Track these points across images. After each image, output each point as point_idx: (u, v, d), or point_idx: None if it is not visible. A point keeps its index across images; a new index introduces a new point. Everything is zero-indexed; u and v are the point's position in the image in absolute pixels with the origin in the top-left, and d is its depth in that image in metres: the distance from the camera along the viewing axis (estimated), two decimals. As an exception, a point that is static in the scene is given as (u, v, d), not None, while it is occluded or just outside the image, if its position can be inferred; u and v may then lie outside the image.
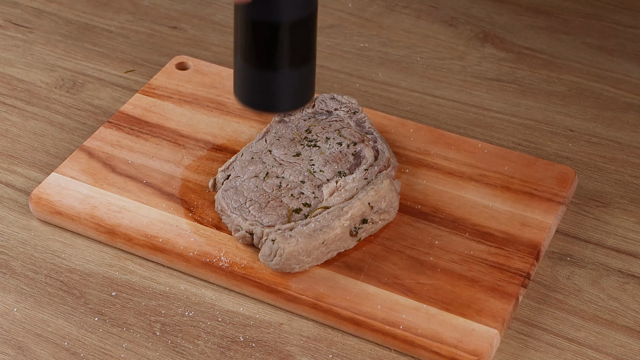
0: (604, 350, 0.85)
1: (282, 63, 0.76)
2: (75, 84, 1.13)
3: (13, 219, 0.96)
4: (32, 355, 0.84)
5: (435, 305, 0.85)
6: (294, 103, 0.80)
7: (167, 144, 1.01)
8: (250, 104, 0.79)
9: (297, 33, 0.76)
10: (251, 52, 0.76)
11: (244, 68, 0.78)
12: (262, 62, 0.77)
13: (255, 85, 0.78)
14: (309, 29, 0.76)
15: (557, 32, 1.20)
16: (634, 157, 1.03)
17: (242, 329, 0.86)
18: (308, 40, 0.77)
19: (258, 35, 0.75)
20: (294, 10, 0.74)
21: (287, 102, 0.80)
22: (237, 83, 0.80)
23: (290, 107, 0.80)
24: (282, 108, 0.81)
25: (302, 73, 0.78)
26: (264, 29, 0.75)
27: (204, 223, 0.92)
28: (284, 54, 0.76)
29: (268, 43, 0.75)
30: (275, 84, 0.78)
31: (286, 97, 0.79)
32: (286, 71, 0.77)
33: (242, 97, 0.80)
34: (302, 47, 0.77)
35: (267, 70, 0.77)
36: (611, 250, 0.93)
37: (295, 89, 0.79)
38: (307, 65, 0.78)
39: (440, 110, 1.09)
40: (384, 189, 0.91)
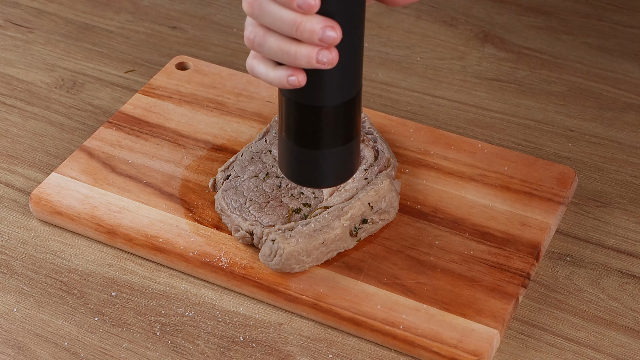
0: (604, 350, 0.85)
1: (325, 143, 0.76)
2: (75, 84, 1.13)
3: (13, 219, 0.96)
4: (32, 355, 0.84)
5: (435, 305, 0.85)
6: (338, 178, 0.80)
7: (167, 144, 1.01)
8: (296, 180, 0.80)
9: (340, 115, 0.75)
10: (295, 132, 0.76)
11: (289, 145, 0.77)
12: (306, 142, 0.76)
13: (300, 163, 0.78)
14: (353, 110, 0.76)
15: (557, 32, 1.20)
16: (634, 157, 1.03)
17: (242, 329, 0.86)
18: (352, 120, 0.76)
19: (302, 117, 0.75)
20: (338, 94, 0.74)
21: (331, 178, 0.80)
22: (283, 158, 0.79)
23: (335, 182, 0.80)
24: (326, 184, 0.81)
25: (345, 150, 0.78)
26: (309, 112, 0.74)
27: (204, 223, 0.92)
28: (328, 135, 0.76)
29: (312, 125, 0.75)
30: (319, 162, 0.78)
31: (330, 173, 0.79)
32: (329, 150, 0.77)
33: (288, 173, 0.80)
34: (346, 127, 0.76)
35: (310, 149, 0.77)
36: (611, 250, 0.93)
37: (339, 165, 0.79)
38: (351, 142, 0.78)
39: (440, 110, 1.09)
40: (384, 189, 0.91)
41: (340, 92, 0.74)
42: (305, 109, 0.74)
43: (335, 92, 0.73)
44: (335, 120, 0.75)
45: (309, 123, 0.75)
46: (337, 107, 0.74)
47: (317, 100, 0.73)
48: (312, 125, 0.75)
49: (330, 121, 0.75)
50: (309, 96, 0.73)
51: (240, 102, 1.06)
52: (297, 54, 0.70)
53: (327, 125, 0.75)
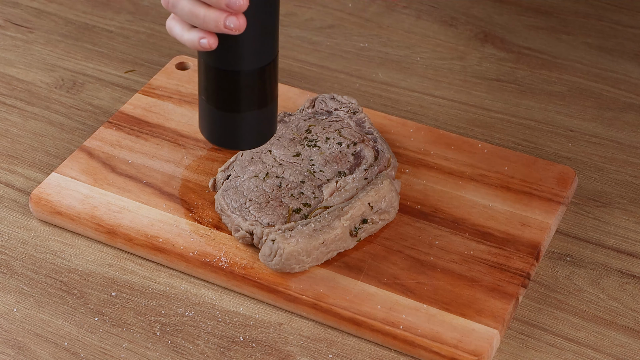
0: (604, 350, 0.85)
1: (244, 107, 0.79)
2: (75, 84, 1.13)
3: (13, 219, 0.96)
4: (32, 355, 0.84)
5: (435, 305, 0.85)
6: (256, 141, 0.83)
7: (167, 144, 1.01)
8: (214, 142, 0.83)
9: (257, 80, 0.78)
10: (214, 96, 0.79)
11: (208, 108, 0.81)
12: (225, 105, 0.79)
13: (219, 125, 0.81)
14: (267, 76, 0.79)
15: (557, 32, 1.20)
16: (634, 157, 1.03)
17: (242, 329, 0.86)
18: (267, 86, 0.79)
19: (220, 81, 0.78)
20: (254, 60, 0.77)
21: (248, 141, 0.83)
22: (202, 120, 0.83)
23: (252, 145, 0.83)
24: (243, 146, 0.84)
25: (261, 115, 0.81)
26: (226, 76, 0.78)
27: (204, 223, 0.92)
28: (246, 99, 0.79)
29: (230, 89, 0.78)
30: (237, 125, 0.81)
31: (248, 135, 0.82)
32: (247, 114, 0.80)
33: (206, 134, 0.83)
34: (263, 92, 0.80)
35: (229, 113, 0.80)
36: (611, 250, 0.93)
37: (257, 128, 0.82)
38: (266, 107, 0.81)
39: (440, 110, 1.09)
40: (384, 189, 0.91)
41: (254, 58, 0.76)
42: (220, 73, 0.77)
43: (249, 57, 0.76)
44: (250, 85, 0.78)
45: (225, 87, 0.78)
46: (251, 72, 0.77)
47: (231, 64, 0.76)
48: (227, 89, 0.78)
49: (245, 86, 0.78)
50: (224, 60, 0.76)
51: (240, 102, 1.06)
52: (206, 17, 0.73)
53: (241, 90, 0.78)
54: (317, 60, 1.16)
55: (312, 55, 1.17)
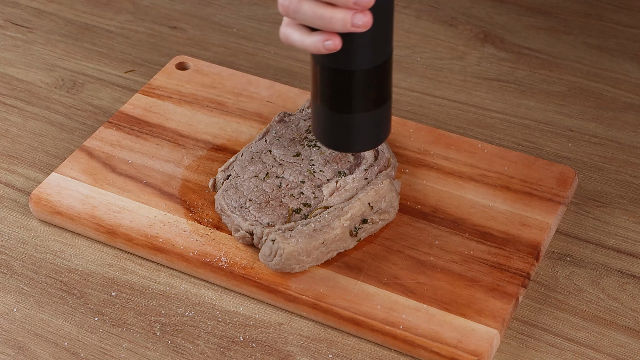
0: (604, 350, 0.85)
1: (359, 107, 0.78)
2: (75, 84, 1.13)
3: (13, 219, 0.96)
4: (32, 355, 0.84)
5: (435, 305, 0.85)
6: (371, 142, 0.82)
7: (167, 144, 1.01)
8: (328, 145, 0.81)
9: (373, 78, 0.77)
10: (327, 97, 0.78)
11: (323, 111, 0.79)
12: (340, 106, 0.78)
13: (333, 127, 0.80)
14: (385, 73, 0.78)
15: (557, 32, 1.20)
16: (634, 157, 1.03)
17: (242, 329, 0.86)
18: (384, 83, 0.78)
19: (336, 82, 0.77)
20: (371, 58, 0.76)
21: (364, 142, 0.81)
22: (317, 125, 0.81)
23: (368, 146, 0.82)
24: (359, 148, 0.82)
25: (378, 113, 0.79)
26: (342, 76, 0.76)
27: (204, 223, 0.92)
28: (361, 98, 0.78)
29: (344, 89, 0.77)
30: (352, 126, 0.79)
31: (363, 137, 0.81)
32: (361, 114, 0.78)
33: (322, 139, 0.81)
34: (379, 91, 0.78)
35: (343, 114, 0.78)
36: (611, 250, 0.93)
37: (371, 129, 0.80)
38: (383, 106, 0.79)
39: (440, 110, 1.09)
40: (384, 189, 0.91)
41: (373, 56, 0.76)
42: (338, 73, 0.76)
43: (367, 55, 0.75)
44: (368, 83, 0.77)
45: (343, 87, 0.77)
46: (369, 70, 0.76)
47: (350, 64, 0.75)
48: (346, 89, 0.77)
49: (363, 85, 0.76)
50: (342, 60, 0.75)
51: (240, 102, 1.06)
52: (333, 18, 0.72)
53: (360, 89, 0.77)
54: (317, 60, 1.16)
55: (312, 55, 1.17)
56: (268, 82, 1.08)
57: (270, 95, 1.06)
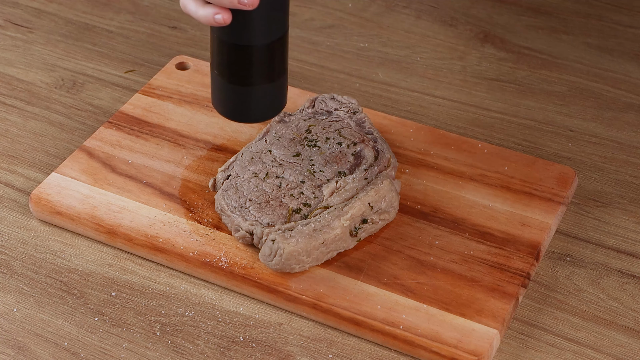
0: (604, 350, 0.85)
1: (255, 80, 0.82)
2: (75, 84, 1.13)
3: (13, 219, 0.96)
4: (32, 355, 0.84)
5: (435, 305, 0.85)
6: (266, 114, 0.86)
7: (167, 144, 1.01)
8: (226, 115, 0.86)
9: (268, 54, 0.81)
10: (226, 70, 0.82)
11: (221, 82, 0.83)
12: (237, 79, 0.82)
13: (231, 98, 0.84)
14: (279, 50, 0.82)
15: (557, 32, 1.20)
16: (634, 157, 1.03)
17: (242, 329, 0.86)
18: (278, 59, 0.82)
19: (233, 56, 0.81)
20: (265, 35, 0.80)
21: (259, 113, 0.86)
22: (215, 94, 0.85)
23: (262, 118, 0.86)
24: (254, 119, 0.86)
25: (272, 88, 0.84)
26: (239, 51, 0.81)
27: (204, 223, 0.92)
28: (257, 73, 0.82)
29: (242, 63, 0.81)
30: (249, 98, 0.83)
31: (259, 108, 0.85)
32: (258, 87, 0.83)
33: (219, 108, 0.86)
34: (273, 66, 0.82)
35: (240, 86, 0.83)
36: (611, 250, 0.93)
37: (267, 101, 0.85)
38: (278, 81, 0.84)
39: (440, 110, 1.09)
40: (384, 189, 0.91)
41: (266, 33, 0.80)
42: (233, 47, 0.80)
43: (261, 32, 0.79)
44: (262, 59, 0.81)
45: (237, 61, 0.81)
46: (263, 46, 0.80)
47: (244, 39, 0.79)
48: (240, 63, 0.81)
49: (257, 60, 0.81)
50: (237, 35, 0.79)
51: (240, 102, 1.06)
52: None
53: (254, 64, 0.81)
54: (317, 60, 1.16)
55: (312, 55, 1.17)
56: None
57: (270, 95, 1.06)
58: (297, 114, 1.01)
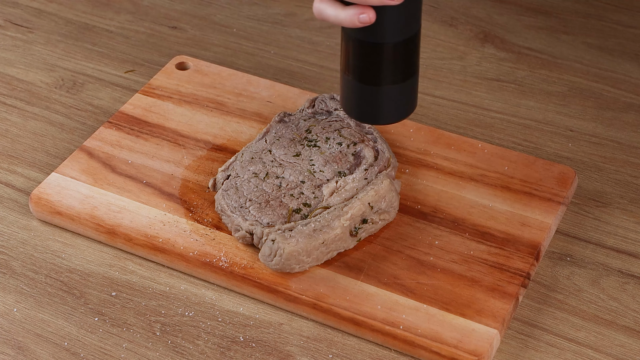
0: (604, 350, 0.85)
1: (387, 80, 0.81)
2: (75, 84, 1.13)
3: (13, 219, 0.96)
4: (32, 355, 0.84)
5: (435, 305, 0.85)
6: (398, 115, 0.84)
7: (167, 144, 1.01)
8: (357, 117, 0.84)
9: (402, 52, 0.80)
10: (359, 70, 0.80)
11: (352, 84, 0.82)
12: (369, 78, 0.81)
13: (362, 100, 0.82)
14: (413, 47, 0.80)
15: (557, 32, 1.20)
16: (634, 157, 1.03)
17: (242, 329, 0.86)
18: (412, 57, 0.81)
19: (366, 55, 0.79)
20: (400, 31, 0.78)
21: (391, 115, 0.84)
22: (345, 97, 0.84)
23: (394, 119, 0.84)
24: (386, 121, 0.85)
25: (405, 86, 0.82)
26: (372, 49, 0.79)
27: (204, 223, 0.92)
28: (390, 71, 0.80)
29: (376, 61, 0.80)
30: (381, 98, 0.82)
31: (390, 109, 0.83)
32: (390, 87, 0.81)
33: (350, 111, 0.84)
34: (407, 64, 0.81)
35: (373, 86, 0.81)
36: (611, 250, 0.93)
37: (400, 101, 0.83)
38: (410, 79, 0.82)
39: (440, 110, 1.09)
40: (384, 189, 0.91)
41: (402, 29, 0.78)
42: (369, 46, 0.78)
43: (397, 29, 0.78)
44: (397, 56, 0.79)
45: (372, 60, 0.79)
46: (398, 44, 0.79)
47: (380, 37, 0.78)
48: (376, 62, 0.79)
49: (392, 58, 0.79)
50: (373, 34, 0.77)
51: (240, 102, 1.06)
52: None
53: (389, 62, 0.79)
54: (317, 60, 1.16)
55: (312, 55, 1.17)
56: (268, 82, 1.08)
57: (270, 95, 1.06)
58: (297, 114, 1.01)
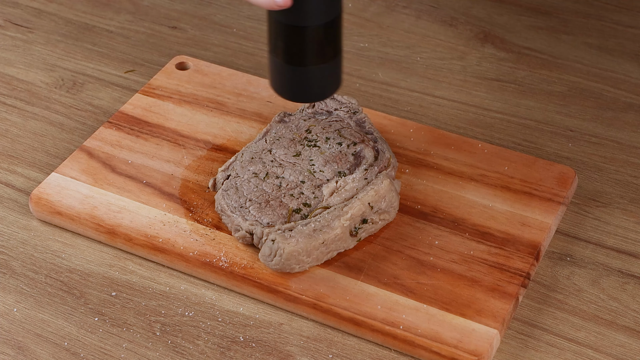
0: (604, 350, 0.85)
1: (310, 61, 0.84)
2: (75, 84, 1.13)
3: (13, 219, 0.96)
4: (32, 355, 0.84)
5: (435, 305, 0.85)
6: (323, 93, 0.87)
7: (167, 144, 1.01)
8: (285, 96, 0.87)
9: (323, 34, 0.83)
10: (283, 51, 0.84)
11: (277, 63, 0.85)
12: (293, 59, 0.84)
13: (287, 79, 0.86)
14: (334, 30, 0.83)
15: (557, 32, 1.20)
16: (634, 157, 1.03)
17: (242, 329, 0.86)
18: (333, 39, 0.84)
19: (289, 37, 0.83)
20: (320, 15, 0.82)
21: (316, 93, 0.87)
22: (273, 76, 0.87)
23: (319, 97, 0.88)
24: (312, 99, 0.88)
25: (328, 67, 0.85)
26: (294, 32, 0.82)
27: (204, 223, 0.92)
28: (312, 53, 0.83)
29: (298, 43, 0.83)
30: (305, 78, 0.85)
31: (316, 88, 0.87)
32: (314, 67, 0.84)
33: (277, 89, 0.87)
34: (328, 46, 0.84)
35: (297, 66, 0.84)
36: (611, 250, 0.93)
37: (324, 81, 0.86)
38: (333, 60, 0.85)
39: (440, 110, 1.09)
40: (384, 189, 0.91)
41: (322, 13, 0.81)
42: (291, 29, 0.82)
43: (317, 13, 0.81)
44: (319, 39, 0.83)
45: (295, 42, 0.83)
46: (319, 27, 0.82)
47: (301, 20, 0.81)
48: (298, 44, 0.83)
49: (314, 40, 0.83)
50: (294, 17, 0.81)
51: (240, 102, 1.06)
52: None
53: (311, 44, 0.83)
54: (317, 60, 1.16)
55: (312, 55, 1.17)
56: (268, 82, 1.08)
57: (270, 95, 1.06)
58: (297, 114, 1.01)
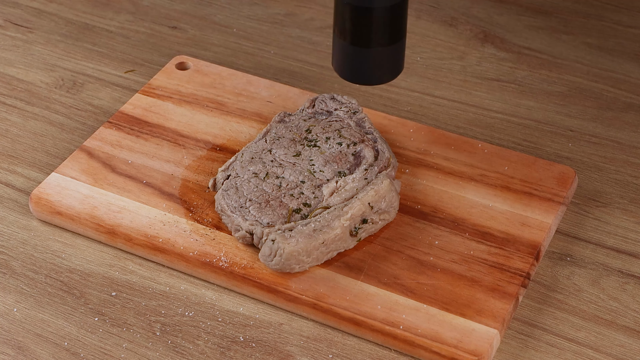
0: (604, 350, 0.85)
1: (376, 42, 0.85)
2: (75, 84, 1.13)
3: (13, 219, 0.96)
4: (32, 355, 0.84)
5: (435, 305, 0.85)
6: (385, 76, 0.88)
7: (167, 144, 1.01)
8: (347, 77, 0.88)
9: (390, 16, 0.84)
10: (349, 32, 0.85)
11: (341, 44, 0.87)
12: (358, 40, 0.85)
13: (351, 61, 0.87)
14: (400, 12, 0.85)
15: (557, 32, 1.20)
16: (634, 157, 1.03)
17: (242, 329, 0.86)
18: (400, 21, 0.85)
19: (355, 18, 0.84)
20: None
21: (379, 75, 0.88)
22: (337, 58, 0.88)
23: (382, 80, 0.89)
24: (374, 81, 0.89)
25: (393, 49, 0.86)
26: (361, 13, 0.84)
27: (204, 223, 0.92)
28: (378, 34, 0.85)
29: (365, 25, 0.84)
30: (370, 59, 0.86)
31: (379, 70, 0.88)
32: (378, 49, 0.85)
33: (340, 71, 0.88)
34: (395, 28, 0.85)
35: (361, 48, 0.85)
36: (611, 250, 0.93)
37: (387, 63, 0.87)
38: (398, 43, 0.86)
39: (440, 110, 1.09)
40: (384, 189, 0.91)
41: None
42: (358, 10, 0.83)
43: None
44: (385, 20, 0.84)
45: (362, 23, 0.84)
46: (386, 8, 0.83)
47: (369, 1, 0.83)
48: (365, 25, 0.84)
49: (381, 21, 0.84)
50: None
51: (240, 102, 1.06)
52: None
53: (377, 25, 0.84)
54: (317, 60, 1.16)
55: (312, 55, 1.17)
56: (268, 82, 1.08)
57: (270, 95, 1.07)
58: (297, 114, 1.01)
